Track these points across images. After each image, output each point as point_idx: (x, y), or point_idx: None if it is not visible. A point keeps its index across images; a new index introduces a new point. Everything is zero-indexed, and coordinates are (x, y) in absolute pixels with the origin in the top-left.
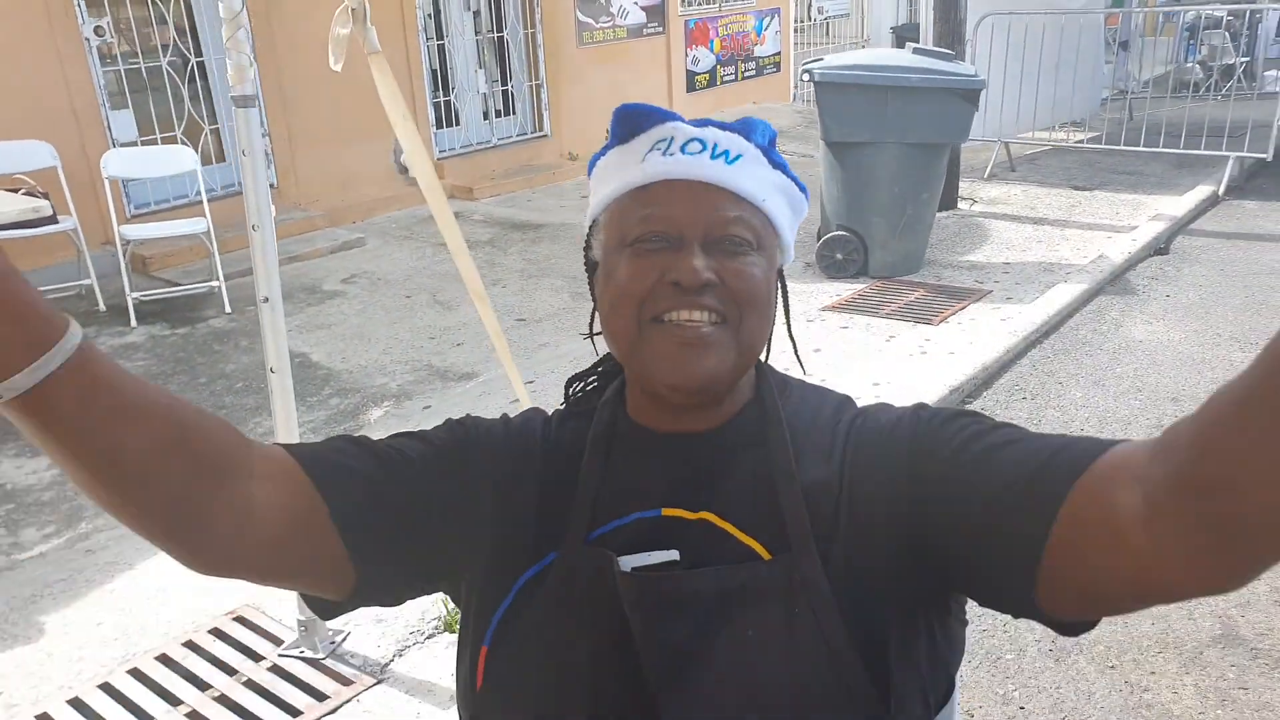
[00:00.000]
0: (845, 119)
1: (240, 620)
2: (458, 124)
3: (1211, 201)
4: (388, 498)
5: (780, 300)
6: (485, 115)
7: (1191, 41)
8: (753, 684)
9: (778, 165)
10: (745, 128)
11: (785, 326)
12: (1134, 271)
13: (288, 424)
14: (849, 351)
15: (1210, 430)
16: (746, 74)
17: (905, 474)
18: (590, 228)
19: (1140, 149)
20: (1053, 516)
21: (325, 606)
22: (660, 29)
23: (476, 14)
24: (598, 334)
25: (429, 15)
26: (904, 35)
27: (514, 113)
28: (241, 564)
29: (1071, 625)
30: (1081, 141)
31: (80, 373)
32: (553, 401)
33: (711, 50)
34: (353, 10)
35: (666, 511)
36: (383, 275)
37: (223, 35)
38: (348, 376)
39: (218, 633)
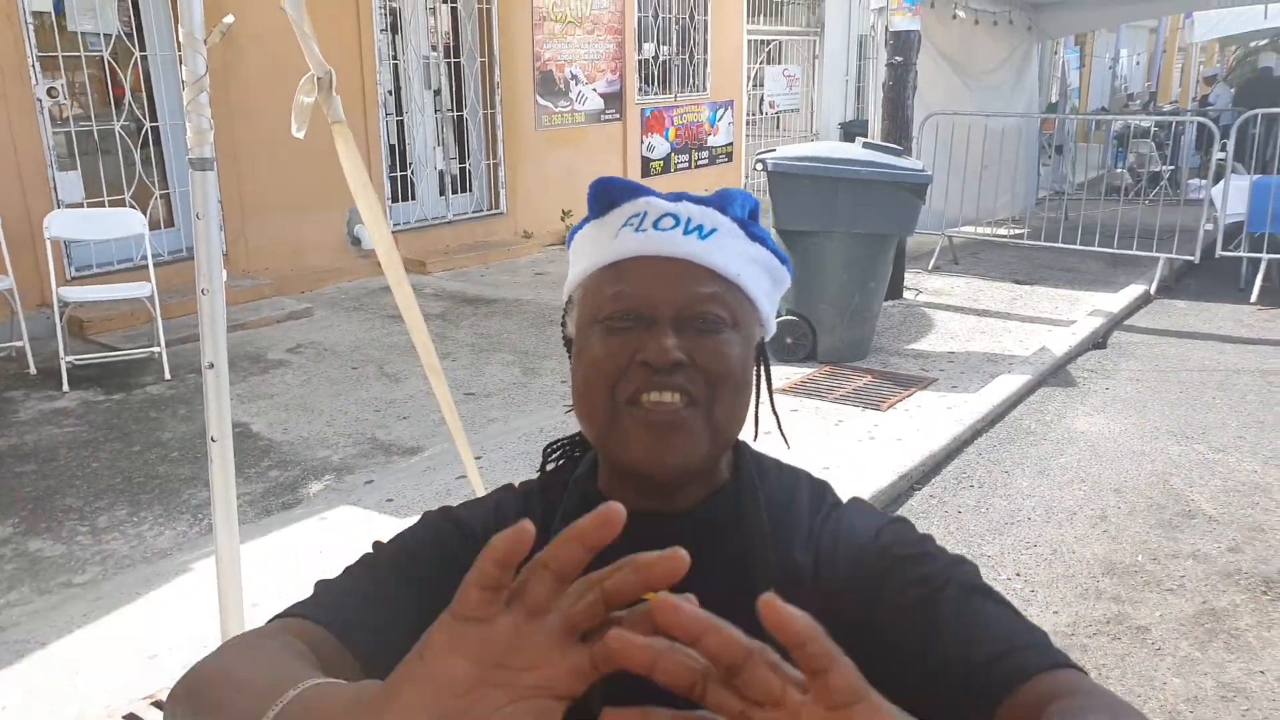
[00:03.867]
0: (796, 208)
1: (158, 705)
2: (413, 198)
3: (1144, 299)
4: (379, 609)
5: (764, 374)
6: (441, 191)
7: (1120, 149)
8: None
9: (757, 238)
10: (722, 200)
11: (769, 401)
12: (1074, 364)
13: (226, 497)
14: (799, 435)
15: None
16: (700, 162)
17: (867, 590)
18: (566, 303)
19: (1076, 247)
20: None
21: None
22: (617, 116)
23: (437, 92)
24: None
25: (390, 91)
26: (852, 131)
27: (470, 190)
28: None
29: None
30: (1021, 237)
31: None
32: (500, 478)
33: (666, 138)
34: (318, 79)
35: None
36: (329, 346)
37: (184, 97)
38: (288, 448)
39: (133, 719)
